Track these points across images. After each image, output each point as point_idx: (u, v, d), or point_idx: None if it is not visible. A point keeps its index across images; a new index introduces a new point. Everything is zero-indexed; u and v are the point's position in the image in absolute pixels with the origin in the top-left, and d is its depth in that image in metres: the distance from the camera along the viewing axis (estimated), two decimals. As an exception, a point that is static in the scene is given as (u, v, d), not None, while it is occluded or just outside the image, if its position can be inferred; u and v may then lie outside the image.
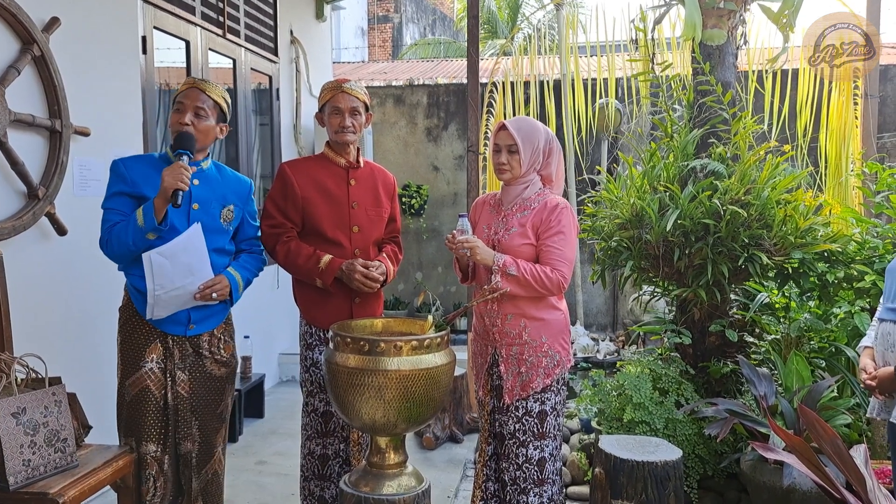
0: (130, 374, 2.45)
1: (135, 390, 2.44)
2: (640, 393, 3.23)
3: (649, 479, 2.63)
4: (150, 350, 2.45)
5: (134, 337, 2.45)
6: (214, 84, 2.55)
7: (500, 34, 13.22)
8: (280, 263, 2.73)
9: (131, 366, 2.45)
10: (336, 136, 2.70)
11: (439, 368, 2.22)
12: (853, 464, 1.99)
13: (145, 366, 2.44)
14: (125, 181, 2.42)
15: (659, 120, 3.65)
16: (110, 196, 2.45)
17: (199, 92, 2.48)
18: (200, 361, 2.53)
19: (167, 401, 2.47)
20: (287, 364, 5.66)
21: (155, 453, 2.46)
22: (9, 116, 2.83)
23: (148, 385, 2.44)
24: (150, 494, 2.46)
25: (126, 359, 2.46)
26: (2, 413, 2.10)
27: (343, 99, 2.65)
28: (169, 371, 2.47)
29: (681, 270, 3.32)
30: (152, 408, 2.45)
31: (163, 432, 2.47)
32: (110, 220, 2.41)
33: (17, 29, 2.91)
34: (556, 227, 2.47)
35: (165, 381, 2.47)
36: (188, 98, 2.47)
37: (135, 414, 2.44)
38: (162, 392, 2.46)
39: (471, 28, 4.59)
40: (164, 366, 2.47)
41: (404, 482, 2.30)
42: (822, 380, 3.17)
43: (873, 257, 3.30)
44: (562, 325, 2.56)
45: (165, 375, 2.47)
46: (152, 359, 2.45)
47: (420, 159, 7.74)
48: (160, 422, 2.46)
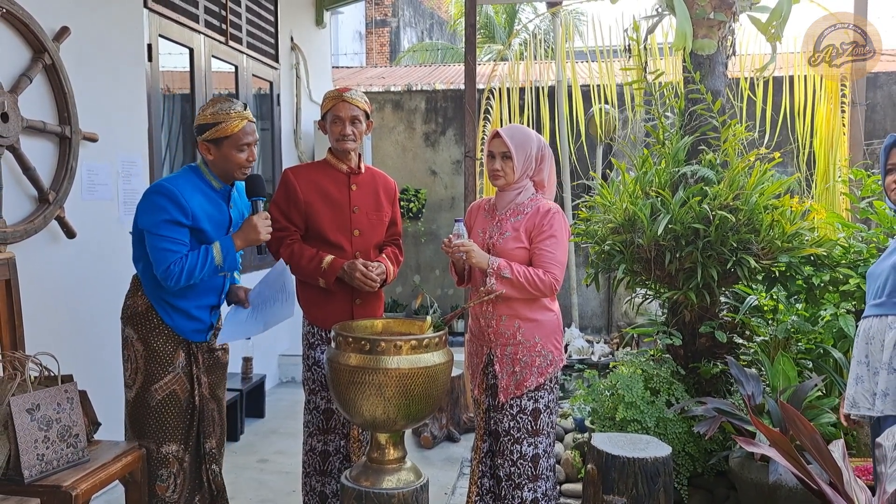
0: (157, 379, 2.50)
1: (161, 395, 2.51)
2: (633, 393, 3.32)
3: (640, 475, 2.72)
4: (176, 356, 2.53)
5: (159, 345, 2.51)
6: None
7: (497, 39, 13.31)
8: None
9: (158, 372, 2.51)
10: (337, 143, 2.80)
11: (437, 367, 2.31)
12: (831, 458, 2.08)
13: (172, 371, 2.52)
14: (185, 214, 2.40)
15: (651, 127, 3.74)
16: (165, 223, 2.39)
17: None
18: (214, 356, 2.66)
19: (193, 403, 2.56)
20: (287, 365, 5.74)
21: (177, 453, 2.55)
22: (21, 123, 2.92)
23: (175, 389, 2.52)
24: (169, 491, 2.53)
25: (151, 365, 2.51)
26: (17, 409, 2.18)
27: (344, 108, 2.74)
28: (195, 375, 2.56)
29: (672, 273, 3.41)
30: (177, 410, 2.53)
31: (185, 432, 2.56)
32: (171, 250, 2.38)
33: (28, 38, 3.00)
34: (548, 231, 2.57)
35: (191, 385, 2.56)
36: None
37: (160, 417, 2.52)
38: (186, 395, 2.55)
39: (468, 36, 4.69)
40: (189, 370, 2.56)
41: (403, 477, 2.39)
42: (808, 380, 3.26)
43: (858, 261, 3.39)
44: (554, 325, 2.65)
45: (191, 379, 2.56)
46: (178, 364, 2.53)
47: (418, 164, 7.84)
48: (184, 423, 2.55)
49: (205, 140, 2.47)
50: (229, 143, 2.46)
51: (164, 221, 2.39)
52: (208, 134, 2.46)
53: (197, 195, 2.47)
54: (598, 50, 5.60)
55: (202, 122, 2.47)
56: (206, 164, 2.53)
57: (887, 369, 2.36)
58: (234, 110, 2.47)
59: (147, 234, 2.43)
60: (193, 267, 2.39)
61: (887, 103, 7.00)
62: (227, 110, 2.46)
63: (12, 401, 2.17)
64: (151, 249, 2.41)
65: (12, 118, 2.87)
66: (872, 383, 2.43)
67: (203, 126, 2.47)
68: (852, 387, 2.50)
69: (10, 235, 2.85)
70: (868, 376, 2.45)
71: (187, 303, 2.52)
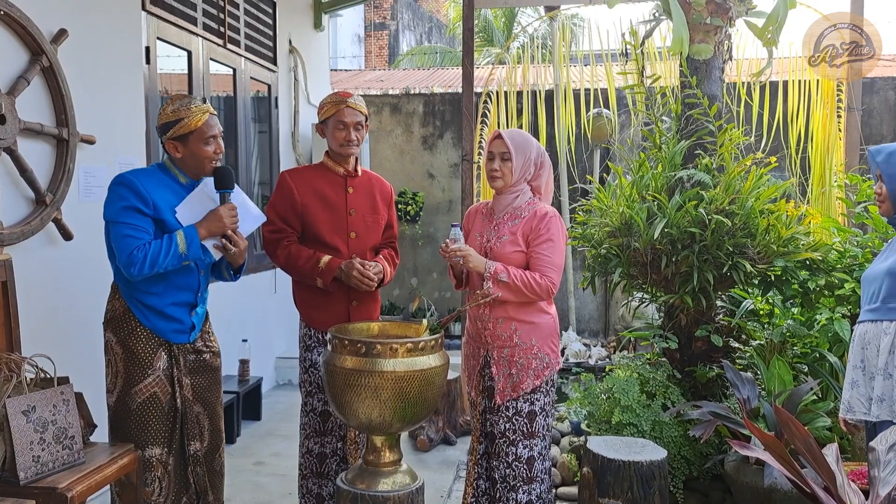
0: (136, 382, 2.48)
1: (141, 398, 2.48)
2: (629, 396, 3.33)
3: (635, 478, 2.73)
4: (156, 359, 2.51)
5: (138, 347, 2.49)
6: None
7: (495, 43, 13.34)
8: (281, 266, 2.84)
9: (137, 375, 2.48)
10: (341, 149, 2.82)
11: (433, 370, 2.31)
12: (825, 462, 2.09)
13: (152, 374, 2.50)
14: (145, 203, 2.41)
15: (648, 131, 3.75)
16: (125, 210, 2.39)
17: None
18: (201, 358, 2.63)
19: (175, 405, 2.54)
20: (284, 368, 5.74)
21: (160, 456, 2.53)
22: (19, 125, 2.93)
23: (156, 392, 2.50)
24: (155, 495, 2.52)
25: (130, 368, 2.48)
26: (13, 411, 2.18)
27: (348, 114, 2.77)
28: (176, 378, 2.54)
29: (668, 277, 3.42)
30: (158, 413, 2.51)
31: (168, 435, 2.54)
32: (133, 236, 2.38)
33: (26, 41, 3.01)
34: (545, 235, 2.58)
35: (173, 387, 2.53)
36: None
37: (141, 420, 2.50)
38: (167, 397, 2.52)
39: (466, 40, 4.70)
40: (171, 372, 2.54)
41: (399, 479, 2.39)
42: (804, 384, 3.27)
43: (853, 265, 3.40)
44: (551, 328, 2.66)
45: (172, 382, 2.54)
46: (158, 367, 2.50)
47: (416, 167, 7.85)
48: (166, 426, 2.53)
49: (170, 139, 2.48)
50: (195, 138, 2.47)
51: (125, 208, 2.39)
52: (172, 132, 2.46)
53: (160, 189, 2.47)
54: (594, 54, 5.62)
55: (165, 122, 2.47)
56: (172, 161, 2.54)
57: (883, 375, 2.37)
58: (195, 105, 2.48)
59: (111, 225, 2.42)
60: (157, 254, 2.36)
61: (883, 108, 7.02)
62: (187, 105, 2.47)
63: (8, 402, 2.17)
64: (115, 239, 2.40)
65: (10, 120, 2.88)
66: (868, 388, 2.44)
67: (166, 125, 2.47)
68: (848, 391, 2.51)
69: (7, 237, 2.85)
70: (864, 381, 2.45)
71: (160, 300, 2.49)
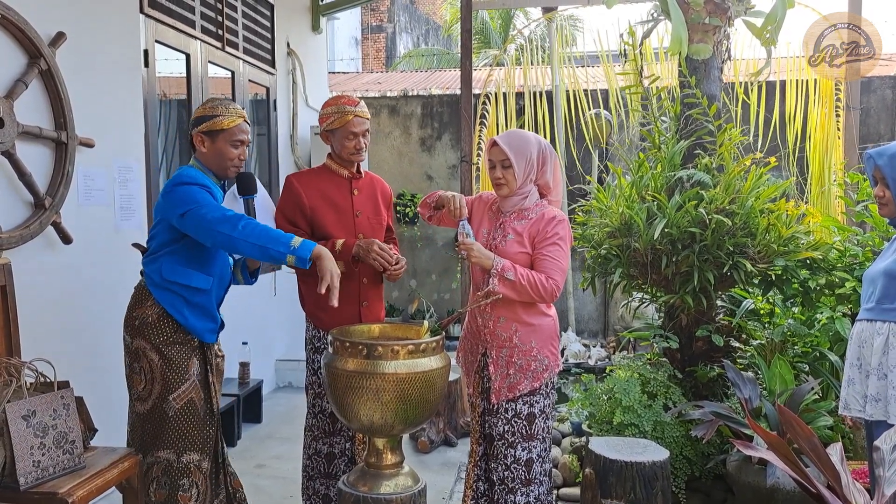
0: (174, 388, 2.48)
1: (179, 404, 2.49)
2: (630, 396, 3.32)
3: (637, 479, 2.72)
4: (191, 364, 2.52)
5: (174, 353, 2.49)
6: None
7: (493, 44, 13.34)
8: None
9: (175, 381, 2.48)
10: (352, 157, 2.86)
11: (435, 371, 2.31)
12: (829, 461, 2.08)
13: (188, 379, 2.51)
14: (212, 193, 2.45)
15: (647, 131, 3.75)
16: (199, 192, 2.38)
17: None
18: (217, 361, 2.69)
19: (210, 409, 2.56)
20: (284, 370, 5.73)
21: (198, 462, 2.53)
22: (17, 129, 2.92)
23: (192, 397, 2.51)
24: (192, 501, 2.51)
25: (168, 375, 2.48)
26: (13, 416, 2.17)
27: (358, 123, 2.82)
28: (211, 382, 2.57)
29: (668, 277, 3.42)
30: (195, 418, 2.52)
31: (204, 440, 2.55)
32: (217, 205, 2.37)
33: (24, 44, 3.00)
34: (552, 238, 2.56)
35: (206, 392, 2.56)
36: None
37: (179, 426, 2.50)
38: (202, 402, 2.54)
39: (464, 41, 4.70)
40: (204, 377, 2.56)
41: (401, 482, 2.38)
42: (805, 383, 3.27)
43: (854, 264, 3.40)
44: (551, 330, 2.65)
45: (206, 386, 2.56)
46: (193, 372, 2.52)
47: (414, 169, 7.85)
48: (203, 430, 2.54)
49: (200, 132, 2.50)
50: (224, 137, 2.50)
51: (199, 192, 2.38)
52: (205, 126, 2.49)
53: (208, 182, 2.51)
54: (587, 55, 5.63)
55: (201, 115, 2.51)
56: (199, 162, 2.56)
57: (877, 374, 2.39)
58: (233, 107, 2.54)
59: (189, 216, 2.33)
60: (264, 231, 2.26)
61: (881, 107, 7.03)
62: (226, 105, 2.53)
63: (8, 407, 2.16)
64: (199, 220, 2.30)
65: (8, 123, 2.87)
66: (864, 386, 2.45)
67: (201, 118, 2.51)
68: (845, 389, 2.53)
69: (6, 241, 2.84)
70: (860, 379, 2.47)
71: (207, 298, 2.52)
